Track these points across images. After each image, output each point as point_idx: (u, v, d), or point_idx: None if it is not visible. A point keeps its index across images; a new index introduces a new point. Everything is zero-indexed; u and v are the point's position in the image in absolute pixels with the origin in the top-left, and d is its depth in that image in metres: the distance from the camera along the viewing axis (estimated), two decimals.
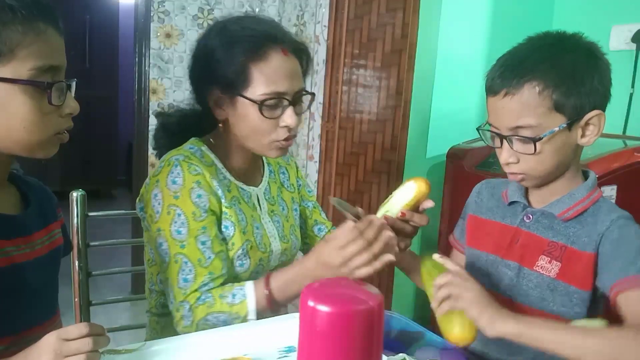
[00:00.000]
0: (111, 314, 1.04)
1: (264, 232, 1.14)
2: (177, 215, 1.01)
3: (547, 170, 0.94)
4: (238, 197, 1.12)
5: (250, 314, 0.99)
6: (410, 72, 2.17)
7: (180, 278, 1.01)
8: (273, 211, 1.19)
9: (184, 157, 1.05)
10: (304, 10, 2.92)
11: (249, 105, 1.03)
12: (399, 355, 0.87)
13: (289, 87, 1.03)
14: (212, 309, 0.99)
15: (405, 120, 2.21)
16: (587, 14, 2.02)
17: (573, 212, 0.95)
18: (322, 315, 0.51)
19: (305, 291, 0.54)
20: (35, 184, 0.92)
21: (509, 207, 1.05)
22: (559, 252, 0.96)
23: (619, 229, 0.91)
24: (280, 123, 1.04)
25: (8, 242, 0.79)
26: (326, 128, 2.70)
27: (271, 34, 1.04)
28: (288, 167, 1.29)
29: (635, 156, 1.53)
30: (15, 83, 0.72)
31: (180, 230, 1.01)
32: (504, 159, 0.94)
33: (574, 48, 0.92)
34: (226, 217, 1.07)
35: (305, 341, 0.53)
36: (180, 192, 1.02)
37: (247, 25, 1.06)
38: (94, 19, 5.04)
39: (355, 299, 0.53)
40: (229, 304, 0.99)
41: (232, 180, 1.12)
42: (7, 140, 0.76)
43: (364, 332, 0.52)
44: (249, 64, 1.01)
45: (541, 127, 0.89)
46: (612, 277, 0.88)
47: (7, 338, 0.78)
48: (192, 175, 1.03)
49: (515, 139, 0.92)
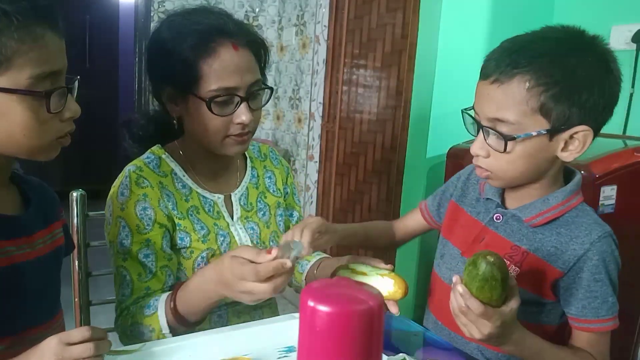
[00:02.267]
0: (111, 314, 1.04)
1: (231, 239, 1.09)
2: (122, 227, 1.01)
3: (514, 174, 0.88)
4: (197, 207, 1.08)
5: (163, 329, 0.95)
6: (410, 72, 2.17)
7: (120, 292, 1.02)
8: (247, 217, 1.14)
9: (136, 167, 1.04)
10: (304, 10, 2.92)
11: (199, 103, 0.99)
12: (399, 355, 0.87)
13: (240, 82, 0.99)
14: (133, 319, 0.98)
15: (405, 120, 2.21)
16: (587, 14, 2.02)
17: (542, 219, 0.90)
18: (322, 315, 0.51)
19: (305, 291, 0.53)
20: (37, 183, 0.91)
21: (483, 203, 1.01)
22: (519, 258, 0.91)
23: (599, 256, 0.87)
24: (234, 119, 1.00)
25: (8, 242, 0.79)
26: (326, 128, 2.71)
27: (220, 28, 0.99)
28: (276, 170, 1.24)
29: (635, 156, 1.53)
30: (13, 93, 0.71)
31: (124, 242, 1.01)
32: (474, 149, 0.88)
33: (585, 50, 0.83)
34: (180, 228, 1.04)
35: (305, 341, 0.53)
36: (126, 204, 1.01)
37: (195, 19, 1.01)
38: (94, 19, 5.04)
39: (355, 299, 0.52)
40: (144, 316, 0.97)
41: (193, 189, 1.08)
42: (8, 145, 0.76)
43: (364, 332, 0.52)
44: (198, 60, 0.97)
45: (519, 126, 0.82)
46: (582, 312, 0.88)
47: (8, 338, 0.78)
48: (139, 188, 1.02)
49: (491, 131, 0.85)
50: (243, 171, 1.18)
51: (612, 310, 0.88)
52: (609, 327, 0.89)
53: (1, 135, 0.74)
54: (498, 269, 0.75)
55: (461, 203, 1.06)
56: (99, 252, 1.25)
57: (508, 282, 0.78)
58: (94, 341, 0.70)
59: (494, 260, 0.76)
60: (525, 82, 0.80)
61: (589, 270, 0.87)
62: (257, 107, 1.04)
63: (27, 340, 0.74)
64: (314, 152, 2.83)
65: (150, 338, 0.95)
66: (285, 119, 3.15)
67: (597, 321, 0.88)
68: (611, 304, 0.88)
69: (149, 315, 0.96)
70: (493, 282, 0.76)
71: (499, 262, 0.76)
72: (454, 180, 1.12)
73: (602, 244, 0.87)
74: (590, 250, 0.87)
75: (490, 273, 0.75)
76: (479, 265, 0.76)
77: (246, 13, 3.15)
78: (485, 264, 0.75)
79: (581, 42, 0.84)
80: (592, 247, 0.87)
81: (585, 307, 0.88)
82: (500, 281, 0.76)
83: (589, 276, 0.87)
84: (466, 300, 0.76)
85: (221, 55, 0.98)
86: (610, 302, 0.88)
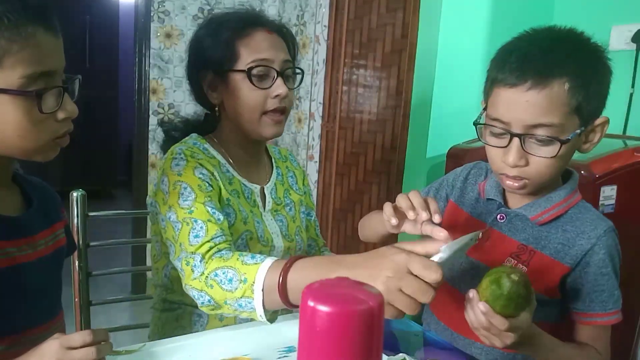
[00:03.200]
0: (111, 314, 1.04)
1: (264, 227, 1.14)
2: (184, 188, 1.01)
3: (551, 177, 0.87)
4: (238, 191, 1.12)
5: (256, 285, 0.85)
6: (410, 72, 2.17)
7: (191, 236, 0.96)
8: (277, 210, 1.19)
9: (187, 147, 1.08)
10: (304, 10, 2.92)
11: (239, 79, 1.07)
12: (399, 355, 0.87)
13: (275, 56, 1.08)
14: (225, 263, 0.90)
15: (405, 120, 2.21)
16: (587, 14, 2.02)
17: (548, 216, 0.92)
18: (322, 315, 0.51)
19: (305, 291, 0.53)
20: (39, 184, 0.91)
21: (485, 203, 1.01)
22: (527, 256, 0.92)
23: (606, 250, 0.89)
24: (271, 94, 1.08)
25: (9, 242, 0.79)
26: (326, 128, 2.70)
27: (256, 19, 1.12)
28: (296, 171, 1.31)
29: (635, 156, 1.53)
30: (4, 93, 0.70)
31: (188, 200, 1.00)
32: (513, 160, 0.84)
33: (592, 49, 0.86)
34: (228, 203, 1.07)
35: (305, 341, 0.53)
36: (184, 170, 1.03)
37: (231, 12, 1.15)
38: (94, 19, 5.05)
39: (355, 299, 0.52)
40: (242, 262, 0.89)
41: (234, 175, 1.14)
42: (2, 146, 0.75)
43: (364, 332, 0.52)
44: (235, 41, 1.08)
45: (562, 128, 0.82)
46: (589, 306, 0.90)
47: (9, 337, 0.78)
48: (194, 159, 1.05)
49: (532, 138, 0.83)
50: (270, 168, 1.25)
51: (618, 303, 0.90)
52: (613, 320, 0.90)
53: None
54: (524, 286, 0.75)
55: (460, 204, 1.06)
56: (99, 252, 1.25)
57: (533, 297, 0.77)
58: (95, 345, 0.69)
59: (518, 278, 0.75)
60: (564, 84, 0.81)
61: (596, 264, 0.89)
62: (291, 86, 1.12)
63: (28, 340, 0.74)
64: (314, 152, 2.83)
65: (236, 289, 0.86)
66: None
67: (604, 315, 0.89)
68: (617, 297, 0.90)
69: (250, 264, 0.87)
70: (519, 300, 0.75)
71: (524, 280, 0.75)
72: (450, 180, 1.11)
73: (607, 238, 0.89)
74: (597, 245, 0.88)
75: (517, 292, 0.75)
76: (503, 284, 0.75)
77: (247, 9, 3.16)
78: (510, 282, 0.75)
79: (585, 40, 0.86)
80: (599, 241, 0.88)
81: (592, 301, 0.89)
82: (525, 297, 0.76)
83: (596, 270, 0.88)
84: (490, 318, 0.76)
85: (256, 36, 1.09)
86: (617, 295, 0.90)
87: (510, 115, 0.83)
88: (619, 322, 0.91)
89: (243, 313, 0.88)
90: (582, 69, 0.82)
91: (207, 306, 0.91)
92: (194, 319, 1.12)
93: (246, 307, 0.86)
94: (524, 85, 0.81)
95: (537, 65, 0.81)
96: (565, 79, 0.81)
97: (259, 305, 0.85)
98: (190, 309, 1.11)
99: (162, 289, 1.17)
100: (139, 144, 3.06)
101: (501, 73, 0.84)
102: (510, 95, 0.83)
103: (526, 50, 0.84)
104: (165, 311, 1.16)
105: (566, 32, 0.87)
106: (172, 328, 1.14)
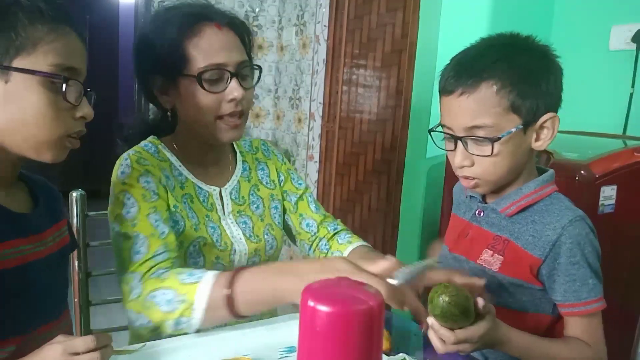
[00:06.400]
0: (111, 314, 1.03)
1: (222, 232, 1.09)
2: (127, 198, 0.97)
3: (500, 174, 0.92)
4: (192, 195, 1.08)
5: (196, 304, 0.84)
6: (410, 72, 2.17)
7: (133, 252, 0.94)
8: (240, 211, 1.14)
9: (135, 152, 1.05)
10: (304, 10, 2.92)
11: (190, 84, 1.00)
12: (399, 355, 0.87)
13: (228, 59, 1.01)
14: (162, 284, 0.89)
15: (405, 120, 2.21)
16: (587, 14, 2.02)
17: (515, 208, 0.95)
18: (322, 315, 0.51)
19: (305, 291, 0.53)
20: (42, 182, 0.92)
21: (468, 202, 1.06)
22: (502, 246, 0.96)
23: (573, 239, 0.89)
24: (225, 97, 1.01)
25: (23, 240, 0.79)
26: (326, 128, 2.70)
27: (202, 13, 1.03)
28: (269, 162, 1.24)
29: (635, 156, 1.53)
30: (34, 74, 0.74)
31: (131, 211, 0.97)
32: (458, 161, 0.92)
33: (529, 49, 0.91)
34: (176, 210, 1.02)
35: (305, 341, 0.53)
36: (128, 179, 0.99)
37: (177, 9, 1.05)
38: (94, 19, 5.04)
39: (355, 299, 0.52)
40: (180, 281, 0.87)
41: (188, 178, 1.09)
42: (17, 136, 0.76)
43: (364, 332, 0.52)
44: (183, 41, 1.00)
45: (497, 127, 0.88)
46: (565, 296, 0.91)
47: (19, 337, 0.78)
48: (140, 165, 1.01)
49: (471, 140, 0.90)
50: (234, 165, 1.18)
51: (594, 292, 0.90)
52: (593, 309, 0.90)
53: (12, 123, 0.75)
54: (454, 306, 0.77)
55: (454, 210, 1.12)
56: (99, 252, 1.25)
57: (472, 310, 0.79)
58: (98, 350, 0.69)
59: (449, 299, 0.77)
60: (492, 87, 0.87)
61: (565, 254, 0.90)
62: (247, 86, 1.05)
63: (36, 339, 0.73)
64: (314, 152, 2.83)
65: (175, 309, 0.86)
66: (285, 119, 3.15)
67: (580, 304, 0.90)
68: (592, 286, 0.90)
69: (189, 283, 0.86)
70: (454, 317, 0.78)
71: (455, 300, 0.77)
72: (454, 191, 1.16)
73: (574, 228, 0.90)
74: (563, 235, 0.90)
75: (448, 310, 0.77)
76: (435, 302, 0.78)
77: (246, 13, 3.15)
78: (442, 301, 0.77)
79: (523, 43, 0.92)
80: (564, 231, 0.90)
81: (567, 291, 0.90)
82: (460, 314, 0.78)
83: (566, 260, 0.90)
84: (436, 331, 0.80)
85: (206, 34, 1.00)
86: (591, 284, 0.90)
87: (451, 120, 0.91)
88: (603, 309, 0.91)
89: (181, 331, 0.89)
90: (512, 70, 0.87)
91: (145, 327, 0.91)
92: None
93: (184, 325, 0.87)
94: (457, 91, 0.89)
95: (468, 72, 0.88)
96: (492, 82, 0.87)
97: (196, 324, 0.86)
98: None
99: None
100: None
101: (441, 83, 0.92)
102: (448, 102, 0.91)
103: (460, 59, 0.92)
104: None
105: (504, 37, 0.93)
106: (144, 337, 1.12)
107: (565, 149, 1.52)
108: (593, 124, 1.88)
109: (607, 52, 1.94)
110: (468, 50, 0.94)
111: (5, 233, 0.76)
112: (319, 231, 1.22)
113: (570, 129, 1.91)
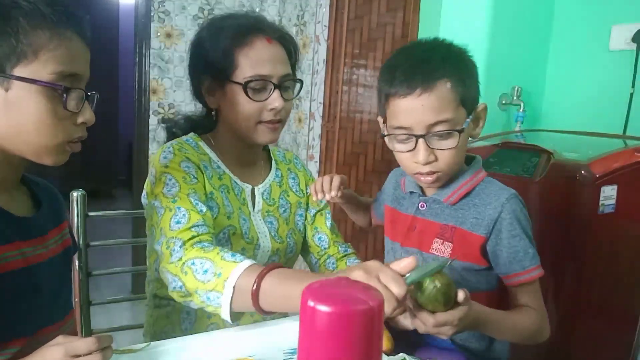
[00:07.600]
0: (111, 314, 1.04)
1: (251, 226, 1.14)
2: (169, 179, 1.03)
3: (458, 164, 0.99)
4: (228, 187, 1.13)
5: (229, 281, 0.86)
6: None
7: (173, 221, 0.98)
8: (269, 211, 1.19)
9: (177, 142, 1.11)
10: (304, 10, 2.92)
11: (236, 89, 1.07)
12: (399, 355, 0.87)
13: (273, 71, 1.08)
14: (205, 254, 0.91)
15: None
16: (587, 14, 2.02)
17: (457, 196, 1.01)
18: (322, 315, 0.51)
19: (305, 291, 0.54)
20: (43, 184, 0.92)
21: (408, 198, 1.11)
22: (450, 234, 1.02)
23: (511, 214, 0.97)
24: (267, 106, 1.08)
25: (25, 243, 0.79)
26: (326, 128, 2.71)
27: (256, 25, 1.10)
28: (299, 173, 1.31)
29: (635, 156, 1.53)
30: (34, 83, 0.73)
31: (172, 190, 1.02)
32: (424, 158, 0.95)
33: (459, 49, 0.99)
34: (212, 197, 1.08)
35: (305, 341, 0.53)
36: (170, 163, 1.05)
37: (233, 17, 1.14)
38: (94, 19, 5.03)
39: (355, 299, 0.53)
40: (221, 257, 0.90)
41: (225, 172, 1.14)
42: (17, 141, 0.76)
43: (364, 332, 0.52)
44: (235, 49, 1.07)
45: (455, 121, 0.94)
46: (510, 267, 0.98)
47: (24, 339, 0.78)
48: (181, 152, 1.08)
49: (434, 136, 0.94)
50: (268, 170, 1.25)
51: (534, 260, 0.98)
52: (536, 275, 0.98)
53: (12, 129, 0.75)
54: (442, 294, 0.79)
55: (392, 204, 1.15)
56: (99, 252, 1.25)
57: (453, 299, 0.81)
58: (100, 351, 0.68)
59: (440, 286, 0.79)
60: (446, 83, 0.93)
61: (506, 229, 0.97)
62: (288, 97, 1.13)
63: (41, 340, 0.73)
64: (314, 151, 2.83)
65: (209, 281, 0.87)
66: None
67: (525, 272, 0.97)
68: (532, 255, 0.98)
69: (228, 261, 0.88)
70: (436, 303, 0.80)
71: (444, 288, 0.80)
72: (384, 187, 1.23)
73: (510, 204, 0.98)
74: (503, 211, 0.97)
75: (434, 296, 0.79)
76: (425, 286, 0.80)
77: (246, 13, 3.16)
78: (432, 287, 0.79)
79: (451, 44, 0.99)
80: (504, 208, 0.97)
81: (511, 262, 0.97)
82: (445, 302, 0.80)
83: (507, 234, 0.97)
84: (418, 315, 0.82)
85: (256, 46, 1.08)
86: (531, 253, 0.98)
87: (411, 120, 0.94)
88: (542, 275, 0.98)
89: (209, 307, 0.89)
90: (456, 68, 0.95)
91: (177, 292, 0.93)
92: (182, 316, 1.13)
93: (213, 301, 0.88)
94: (416, 92, 0.93)
95: (422, 73, 0.93)
96: (445, 79, 0.93)
97: (227, 302, 0.86)
98: (179, 306, 1.12)
99: (153, 284, 1.18)
100: (139, 144, 3.06)
101: (393, 87, 0.95)
102: (407, 103, 0.94)
103: (408, 63, 0.96)
104: (156, 308, 1.17)
105: (432, 42, 1.00)
106: (162, 325, 1.15)
107: (565, 149, 1.52)
108: (593, 124, 1.88)
109: (607, 52, 1.93)
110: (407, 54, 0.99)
111: (8, 236, 0.77)
112: (329, 248, 1.28)
113: (570, 129, 1.91)
